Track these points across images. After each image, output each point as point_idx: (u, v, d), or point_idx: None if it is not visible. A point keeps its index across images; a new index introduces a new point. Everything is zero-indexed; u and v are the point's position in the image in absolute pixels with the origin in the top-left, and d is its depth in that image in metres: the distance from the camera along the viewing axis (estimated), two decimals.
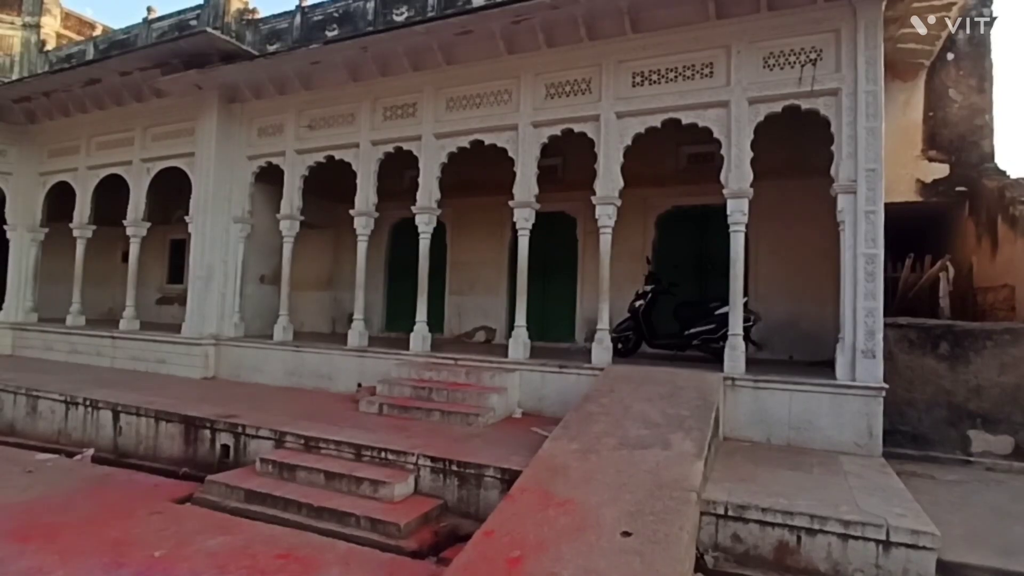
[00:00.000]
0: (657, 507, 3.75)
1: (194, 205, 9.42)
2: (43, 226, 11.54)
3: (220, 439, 6.23)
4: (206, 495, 5.26)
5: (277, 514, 4.82)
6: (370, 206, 8.39)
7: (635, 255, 9.08)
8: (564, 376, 6.87)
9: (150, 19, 11.06)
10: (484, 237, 10.50)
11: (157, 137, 10.10)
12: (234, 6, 10.07)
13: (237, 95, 9.45)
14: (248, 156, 9.41)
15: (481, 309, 10.58)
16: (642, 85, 6.96)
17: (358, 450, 5.34)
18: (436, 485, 4.98)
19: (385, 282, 11.56)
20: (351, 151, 8.53)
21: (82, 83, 10.01)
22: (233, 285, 9.39)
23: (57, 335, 10.90)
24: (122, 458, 6.79)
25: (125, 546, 4.27)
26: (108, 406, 7.10)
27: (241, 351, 9.10)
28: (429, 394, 6.88)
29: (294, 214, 8.94)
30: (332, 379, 8.29)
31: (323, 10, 9.52)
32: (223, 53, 8.78)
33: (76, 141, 11.04)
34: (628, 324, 7.97)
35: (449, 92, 8.01)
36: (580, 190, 7.99)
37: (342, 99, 8.71)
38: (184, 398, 7.35)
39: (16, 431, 7.82)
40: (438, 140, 7.99)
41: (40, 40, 12.23)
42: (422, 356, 7.75)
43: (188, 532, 4.54)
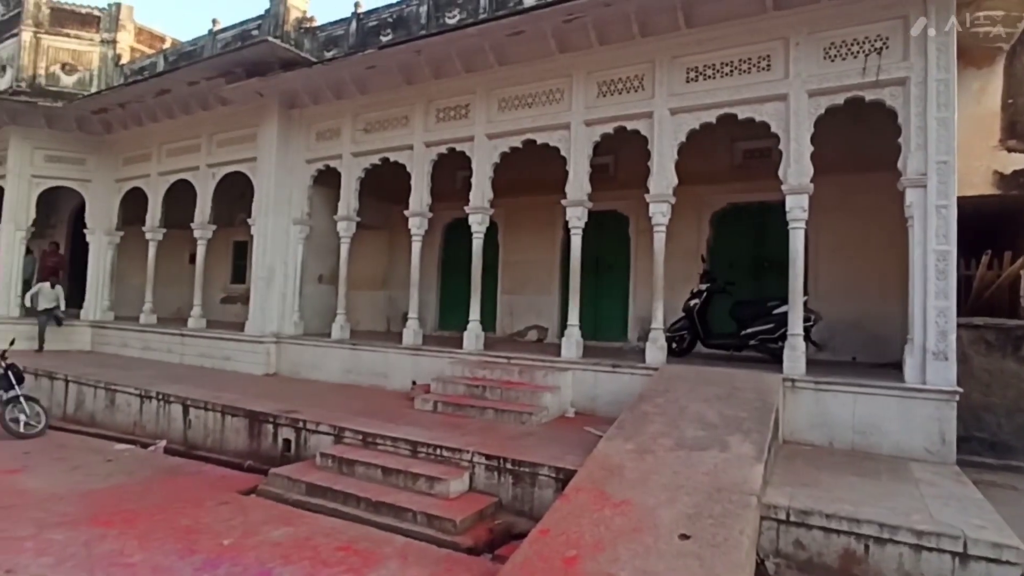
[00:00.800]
0: (716, 510, 3.68)
1: (256, 208, 9.81)
2: (118, 229, 12.26)
3: (282, 434, 6.47)
4: (270, 487, 5.47)
5: (337, 507, 4.97)
6: (424, 207, 8.54)
7: (689, 253, 8.90)
8: (617, 376, 6.81)
9: (215, 31, 11.58)
10: (536, 236, 10.52)
11: (222, 143, 10.57)
12: (293, 15, 10.43)
13: (296, 101, 9.78)
14: (307, 160, 9.73)
15: (533, 308, 10.60)
16: (696, 80, 6.83)
17: (414, 447, 5.45)
18: (491, 483, 5.03)
19: (438, 281, 11.74)
20: (405, 153, 8.70)
21: (153, 94, 10.57)
22: (293, 285, 9.73)
23: (131, 332, 11.56)
24: (191, 450, 7.15)
25: (196, 533, 4.50)
26: (179, 400, 7.48)
27: (301, 349, 9.42)
28: (483, 392, 6.95)
29: (351, 215, 9.18)
30: (387, 377, 8.48)
31: (377, 15, 9.74)
32: (283, 61, 9.09)
33: (148, 149, 11.67)
34: (682, 323, 7.83)
35: (501, 93, 8.07)
36: (633, 188, 7.91)
37: (396, 102, 8.90)
38: (248, 394, 7.67)
39: (97, 422, 8.35)
40: (490, 140, 8.06)
41: (116, 55, 12.98)
42: (475, 355, 7.83)
43: (254, 522, 4.74)
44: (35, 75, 12.68)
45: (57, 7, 13.01)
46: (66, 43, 12.99)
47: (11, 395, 7.52)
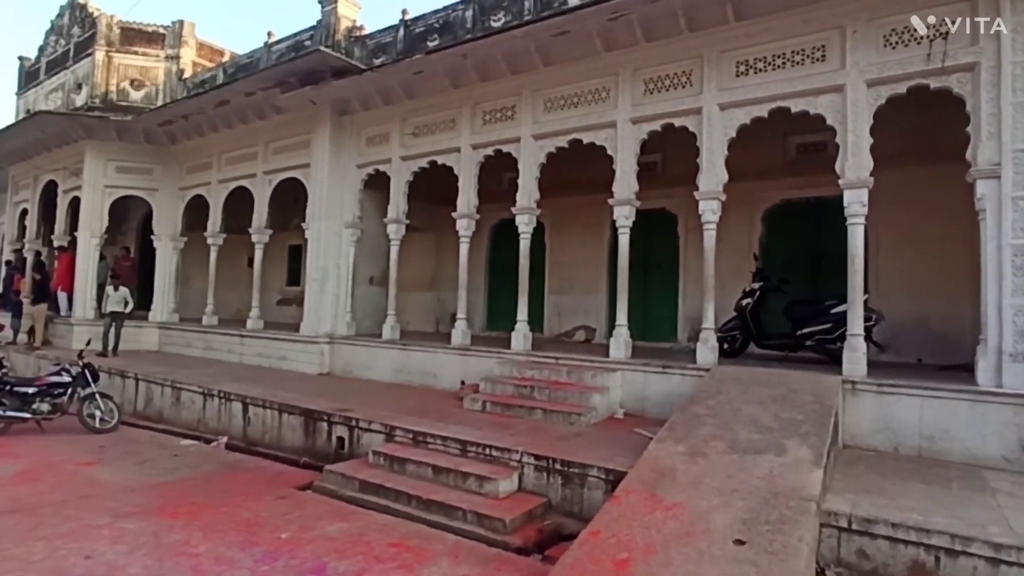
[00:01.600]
0: (772, 516, 3.57)
1: (310, 212, 10.12)
2: (182, 235, 12.85)
3: (336, 431, 6.64)
4: (324, 483, 5.63)
5: (389, 504, 5.07)
6: (471, 208, 8.62)
7: (740, 251, 8.68)
8: (667, 376, 6.71)
9: (270, 43, 12.01)
10: (583, 236, 10.46)
11: (277, 151, 10.95)
12: (343, 24, 10.71)
13: (347, 107, 10.04)
14: (357, 164, 9.97)
15: (581, 308, 10.54)
16: (747, 74, 6.66)
17: (464, 446, 5.51)
18: (540, 483, 5.03)
19: (486, 282, 11.82)
20: (453, 155, 8.81)
21: (213, 105, 11.05)
22: (345, 287, 9.99)
23: (195, 333, 12.11)
24: (251, 446, 7.43)
25: (256, 527, 4.67)
26: (239, 398, 7.79)
27: (353, 349, 9.66)
28: (531, 392, 6.96)
29: (400, 218, 9.36)
30: (437, 376, 8.59)
31: (424, 21, 9.89)
32: (334, 69, 9.35)
33: (209, 158, 12.20)
34: (734, 323, 7.63)
35: (547, 93, 8.07)
36: (681, 186, 7.77)
37: (444, 106, 9.02)
38: (303, 392, 7.91)
39: (164, 418, 8.78)
40: (536, 141, 8.07)
41: (179, 69, 13.64)
42: (523, 355, 7.85)
43: (310, 517, 4.89)
44: (107, 91, 13.46)
45: (126, 27, 13.77)
46: (134, 60, 13.74)
47: (88, 392, 8.00)
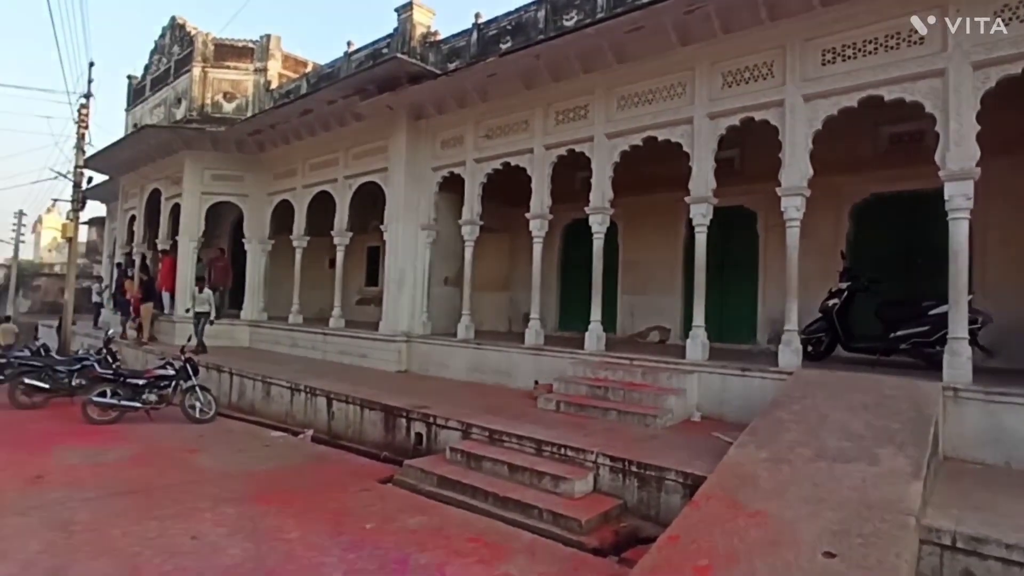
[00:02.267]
0: (866, 529, 3.39)
1: (388, 215, 10.48)
2: (270, 238, 13.62)
3: (414, 427, 6.86)
4: (404, 478, 5.83)
5: (466, 500, 5.19)
6: (544, 209, 8.66)
7: (826, 249, 8.26)
8: (747, 379, 6.48)
9: (349, 52, 12.54)
10: (657, 235, 10.28)
11: (357, 156, 11.41)
12: (418, 31, 11.02)
13: (422, 112, 10.32)
14: (432, 168, 10.23)
15: (655, 308, 10.36)
16: (833, 62, 6.33)
17: (539, 445, 5.55)
18: (615, 485, 5.00)
19: (558, 282, 11.83)
20: (526, 156, 8.87)
21: (298, 114, 11.65)
22: (421, 287, 10.28)
23: (282, 331, 12.80)
24: (335, 439, 7.78)
25: (342, 516, 4.90)
26: (323, 393, 8.18)
27: (429, 347, 9.93)
28: (605, 393, 6.92)
29: (474, 219, 9.53)
30: (511, 375, 8.69)
31: (497, 24, 10.02)
32: (410, 75, 9.64)
33: (294, 164, 12.87)
34: (820, 325, 7.27)
35: (620, 91, 7.98)
36: (761, 182, 7.49)
37: (516, 107, 9.10)
38: (382, 389, 8.21)
39: (255, 411, 9.35)
40: (610, 140, 8.00)
41: (267, 81, 14.51)
42: (597, 355, 7.81)
43: (392, 510, 5.08)
44: (203, 104, 14.47)
45: (220, 43, 14.74)
46: (227, 74, 14.69)
47: (189, 385, 8.65)
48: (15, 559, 3.92)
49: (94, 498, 5.19)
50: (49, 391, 9.50)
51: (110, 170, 16.88)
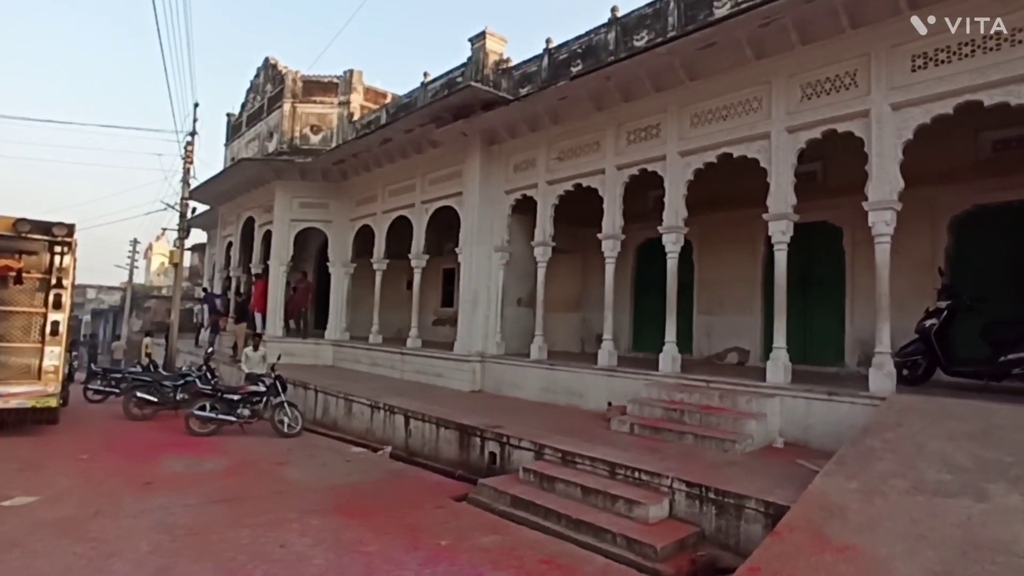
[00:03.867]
0: (972, 571, 3.13)
1: (462, 238, 10.77)
2: (352, 262, 14.28)
3: (488, 447, 6.94)
4: (478, 496, 5.91)
5: (539, 521, 5.19)
6: (617, 229, 8.63)
7: (921, 266, 7.74)
8: (834, 404, 6.14)
9: (426, 82, 13.07)
10: (734, 253, 9.98)
11: (433, 181, 11.83)
12: (491, 59, 11.35)
13: (495, 137, 10.59)
14: (505, 191, 10.45)
15: (732, 329, 10.02)
16: (924, 68, 6.00)
17: (612, 468, 5.48)
18: (692, 511, 4.86)
19: (631, 302, 11.68)
20: (597, 177, 8.90)
21: (378, 143, 12.24)
22: (495, 308, 10.45)
23: (362, 350, 13.33)
24: (411, 456, 7.99)
25: (418, 532, 5.03)
26: (401, 411, 8.44)
27: (502, 368, 10.04)
28: (681, 416, 6.75)
29: (547, 241, 9.62)
30: (583, 397, 8.64)
31: (567, 48, 10.16)
32: (483, 102, 9.94)
33: (374, 191, 13.49)
34: (917, 347, 6.77)
35: (693, 108, 7.89)
36: (845, 196, 7.18)
37: (587, 129, 9.18)
38: (456, 408, 8.37)
39: (338, 427, 9.76)
40: (683, 158, 7.90)
41: (349, 113, 15.37)
42: (672, 377, 7.64)
43: (466, 528, 5.16)
44: (292, 137, 15.48)
45: (307, 80, 15.77)
46: (313, 108, 15.67)
47: (278, 401, 9.16)
48: (128, 558, 4.29)
49: (194, 504, 5.59)
50: (157, 404, 10.34)
51: (210, 200, 18.32)
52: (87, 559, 4.25)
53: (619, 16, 9.54)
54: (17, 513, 5.24)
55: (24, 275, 8.60)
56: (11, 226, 8.48)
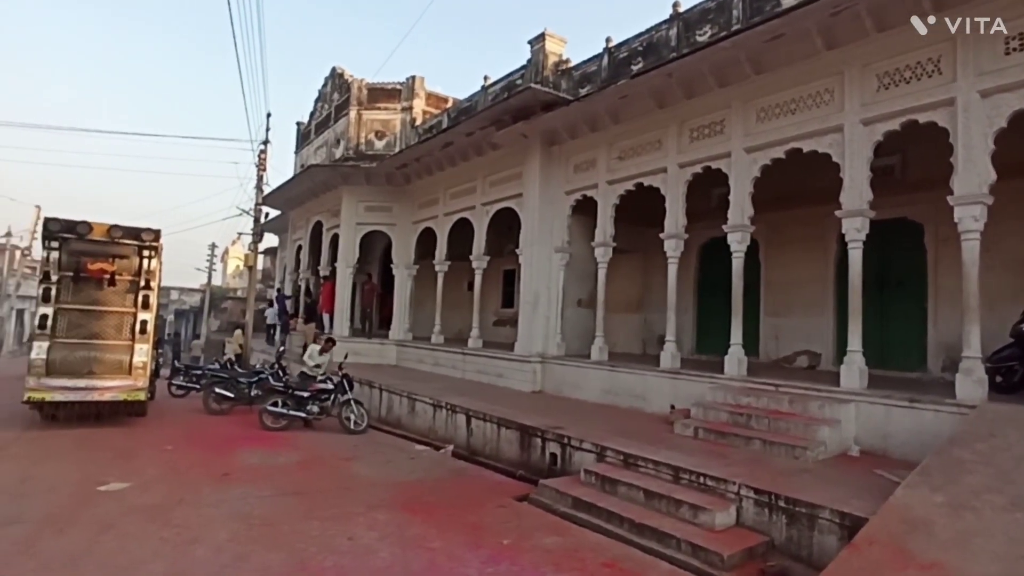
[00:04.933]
0: None
1: (523, 239, 10.82)
2: (415, 264, 14.60)
3: (549, 448, 6.94)
4: (539, 497, 5.92)
5: (600, 524, 5.15)
6: (679, 228, 8.45)
7: (1017, 265, 7.19)
8: (917, 412, 5.78)
9: (486, 86, 13.20)
10: (803, 252, 9.57)
11: (493, 183, 11.95)
12: (551, 60, 11.34)
13: (555, 138, 10.59)
14: (565, 191, 10.43)
15: (802, 332, 9.60)
16: (1020, 50, 5.57)
17: (676, 472, 5.37)
18: (760, 520, 4.69)
19: (695, 303, 11.41)
20: (659, 176, 8.75)
21: (440, 147, 12.47)
22: (555, 309, 10.43)
23: (425, 351, 13.60)
24: (473, 455, 8.09)
25: (480, 530, 5.08)
26: (463, 411, 8.56)
27: (563, 369, 10.01)
28: (748, 421, 6.53)
29: (607, 241, 9.53)
30: (645, 399, 8.50)
31: (627, 46, 10.02)
32: (543, 103, 9.95)
33: (436, 194, 13.75)
34: (1012, 352, 6.28)
35: (759, 103, 7.64)
36: (927, 190, 6.79)
37: (649, 127, 9.04)
38: (517, 408, 8.41)
39: (401, 425, 10.00)
40: (749, 154, 7.66)
41: (412, 118, 15.72)
42: (738, 380, 7.41)
43: (527, 528, 5.17)
44: (358, 144, 15.98)
45: (372, 87, 16.24)
46: (377, 115, 16.12)
47: (345, 398, 9.47)
48: (208, 545, 4.54)
49: (268, 496, 5.86)
50: (233, 400, 10.89)
51: (282, 206, 19.15)
52: (172, 544, 4.54)
53: (681, 12, 9.34)
54: (112, 497, 5.66)
55: (117, 277, 9.27)
56: (105, 232, 9.15)
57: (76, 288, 9.13)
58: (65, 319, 8.99)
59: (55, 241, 8.97)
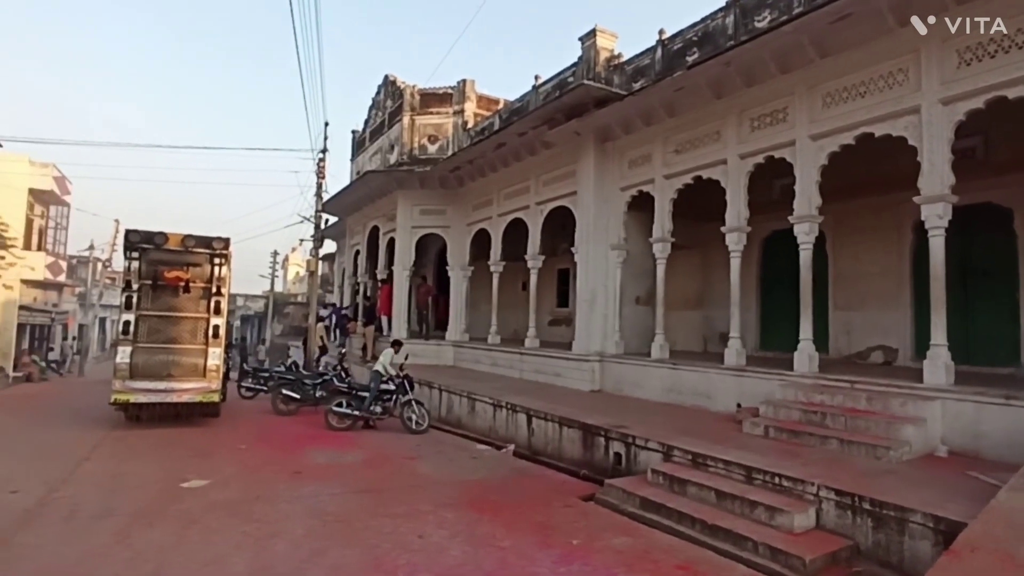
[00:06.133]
0: None
1: (578, 237, 10.73)
2: (469, 265, 14.71)
3: (613, 447, 6.85)
4: (606, 497, 5.84)
5: (671, 525, 5.03)
6: (742, 221, 8.20)
7: None
8: (1013, 410, 5.38)
9: (537, 85, 13.17)
10: (875, 243, 9.10)
11: (547, 182, 11.91)
12: (602, 56, 11.20)
13: (609, 134, 10.47)
14: (620, 188, 10.28)
15: (876, 326, 9.14)
16: None
17: (749, 472, 5.20)
18: (842, 523, 4.48)
19: (757, 299, 11.04)
20: (719, 168, 8.51)
21: (493, 148, 12.53)
22: (613, 307, 10.30)
23: (482, 351, 13.68)
24: (534, 455, 8.07)
25: (549, 530, 5.06)
26: (523, 410, 8.55)
27: (622, 367, 9.87)
28: (822, 420, 6.26)
29: (665, 236, 9.35)
30: (710, 397, 8.28)
31: (682, 37, 9.79)
32: (596, 99, 9.84)
33: (489, 195, 13.82)
34: None
35: (825, 87, 7.32)
36: (1015, 172, 6.34)
37: (706, 119, 8.81)
38: (578, 407, 8.34)
39: (462, 424, 10.08)
40: (815, 141, 7.35)
41: (464, 121, 15.86)
42: (809, 377, 7.11)
43: (596, 528, 5.11)
44: (411, 148, 16.26)
45: (424, 92, 16.49)
46: (430, 119, 16.35)
47: (407, 399, 9.64)
48: (287, 540, 4.69)
49: (339, 494, 6.02)
50: (299, 401, 11.27)
51: (339, 212, 19.69)
52: (253, 538, 4.71)
53: None
54: (194, 493, 5.93)
55: (191, 284, 9.73)
56: (180, 242, 9.63)
57: (154, 295, 9.65)
58: (145, 325, 9.51)
59: (135, 251, 9.50)
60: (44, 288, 23.89)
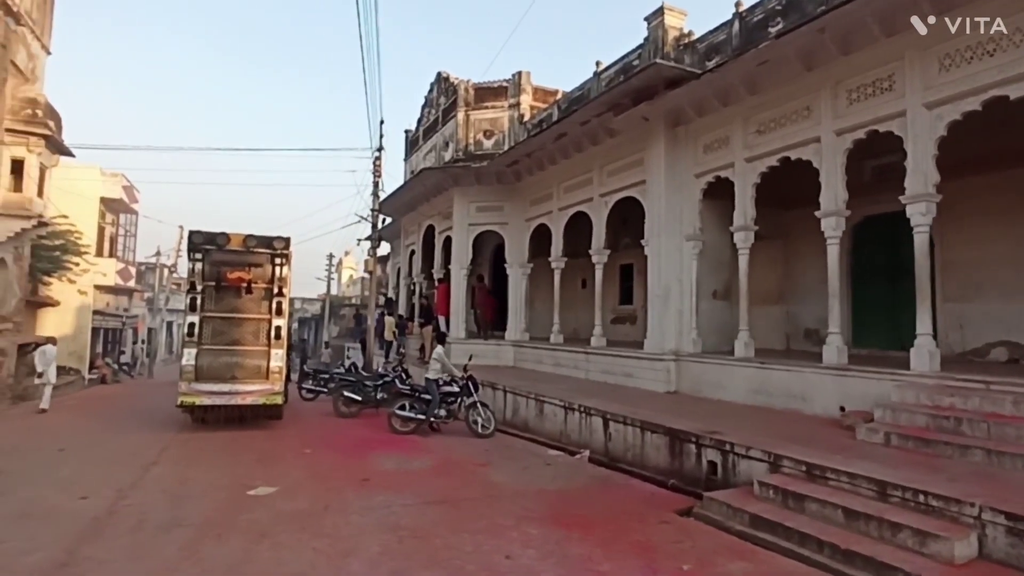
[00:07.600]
0: None
1: (648, 228, 10.06)
2: (529, 262, 14.21)
3: (706, 455, 6.20)
4: (706, 512, 5.22)
5: (792, 548, 4.37)
6: (840, 204, 7.40)
7: None
8: None
9: (599, 71, 12.55)
10: (997, 226, 8.08)
11: (611, 173, 11.28)
12: (671, 35, 10.49)
13: (680, 118, 9.77)
14: (695, 174, 9.57)
15: (997, 319, 8.11)
16: None
17: (883, 487, 4.48)
18: (1016, 552, 3.73)
19: (847, 291, 10.07)
20: (811, 147, 7.72)
21: (552, 139, 11.99)
22: (689, 302, 9.58)
23: (544, 351, 13.15)
24: (612, 462, 7.48)
25: (650, 551, 4.48)
26: (599, 413, 7.97)
27: (701, 367, 9.15)
28: (957, 426, 5.44)
29: (748, 224, 8.59)
30: (805, 400, 7.49)
31: (763, 8, 8.99)
32: (667, 81, 9.17)
33: (549, 189, 13.28)
34: None
35: (942, 48, 6.46)
36: None
37: (794, 94, 8.03)
38: (656, 410, 7.70)
39: (529, 428, 9.57)
40: (931, 110, 6.51)
41: (520, 114, 15.38)
42: (931, 377, 6.27)
43: (704, 550, 4.50)
44: (467, 144, 15.89)
45: (478, 87, 16.10)
46: (485, 114, 15.94)
47: (471, 401, 9.22)
48: (362, 558, 4.28)
49: (412, 504, 5.60)
50: (360, 403, 11.03)
51: (394, 212, 19.55)
52: (326, 556, 4.32)
53: None
54: (261, 502, 5.63)
55: (252, 285, 9.60)
56: (241, 242, 9.50)
57: (218, 297, 9.56)
58: (210, 327, 9.42)
59: (198, 252, 9.42)
60: (115, 293, 24.80)
